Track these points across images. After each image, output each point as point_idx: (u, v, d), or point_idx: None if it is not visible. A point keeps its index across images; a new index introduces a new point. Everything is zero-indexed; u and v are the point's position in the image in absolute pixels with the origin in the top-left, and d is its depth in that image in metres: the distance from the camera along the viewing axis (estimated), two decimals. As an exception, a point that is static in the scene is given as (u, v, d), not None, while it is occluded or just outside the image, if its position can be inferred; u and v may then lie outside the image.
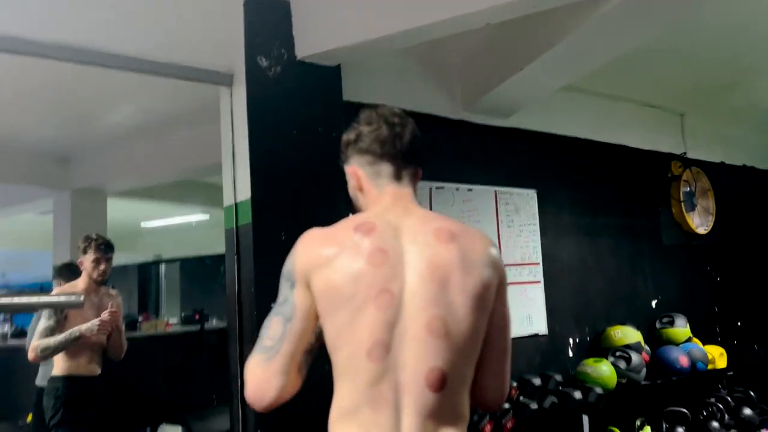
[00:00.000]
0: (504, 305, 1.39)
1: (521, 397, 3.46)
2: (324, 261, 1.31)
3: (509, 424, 3.26)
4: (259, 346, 1.33)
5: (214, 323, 7.34)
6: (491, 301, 1.34)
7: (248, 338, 2.89)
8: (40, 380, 4.26)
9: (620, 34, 3.13)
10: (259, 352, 1.33)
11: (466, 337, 1.29)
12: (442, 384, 1.25)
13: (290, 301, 1.33)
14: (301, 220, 2.88)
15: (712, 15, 3.49)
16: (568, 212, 4.45)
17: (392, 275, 1.28)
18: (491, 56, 3.62)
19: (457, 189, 3.93)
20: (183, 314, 8.06)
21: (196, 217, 8.76)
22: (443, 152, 3.88)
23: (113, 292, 3.63)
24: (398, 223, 1.36)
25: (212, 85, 3.08)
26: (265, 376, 1.30)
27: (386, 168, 1.43)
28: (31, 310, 3.07)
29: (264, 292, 2.81)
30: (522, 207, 4.21)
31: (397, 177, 1.43)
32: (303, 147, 3.05)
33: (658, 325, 4.61)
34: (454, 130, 3.92)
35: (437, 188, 3.84)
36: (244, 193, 2.93)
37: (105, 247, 3.45)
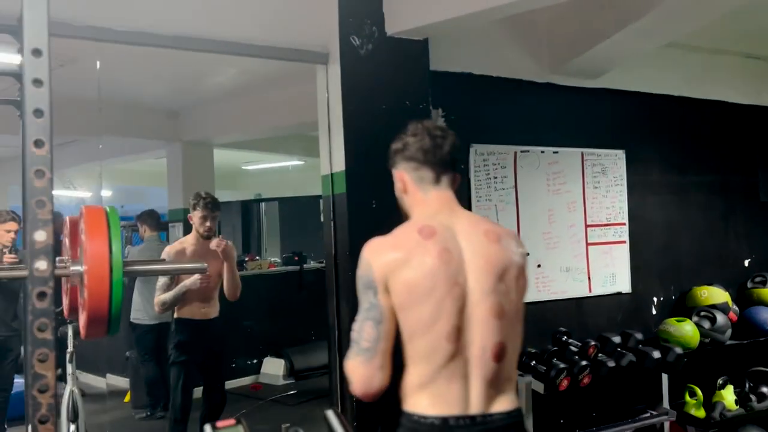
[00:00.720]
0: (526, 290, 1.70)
1: (599, 355, 3.62)
2: (399, 263, 1.55)
3: (585, 380, 3.44)
4: (358, 347, 1.54)
5: (311, 264, 7.79)
6: (525, 290, 1.67)
7: (344, 295, 3.22)
8: (133, 315, 4.99)
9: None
10: (359, 353, 1.54)
11: (516, 316, 1.62)
12: (503, 355, 1.56)
13: (377, 305, 1.55)
14: (390, 190, 3.16)
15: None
16: (658, 171, 4.42)
17: (458, 270, 1.55)
18: (580, 21, 3.61)
19: (543, 152, 4.01)
20: (283, 255, 8.59)
21: (292, 162, 9.26)
22: (529, 116, 3.96)
23: (222, 240, 3.73)
24: (452, 225, 1.62)
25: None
26: (369, 373, 1.52)
27: (427, 173, 1.68)
28: (161, 274, 3.45)
29: (357, 254, 3.10)
30: (609, 168, 4.24)
31: (437, 181, 1.69)
32: (392, 119, 3.22)
33: (749, 285, 4.57)
34: (541, 93, 3.97)
35: (522, 152, 3.94)
36: (339, 164, 3.20)
37: (212, 206, 3.74)
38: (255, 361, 6.50)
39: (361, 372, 1.54)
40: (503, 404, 1.57)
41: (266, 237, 13.03)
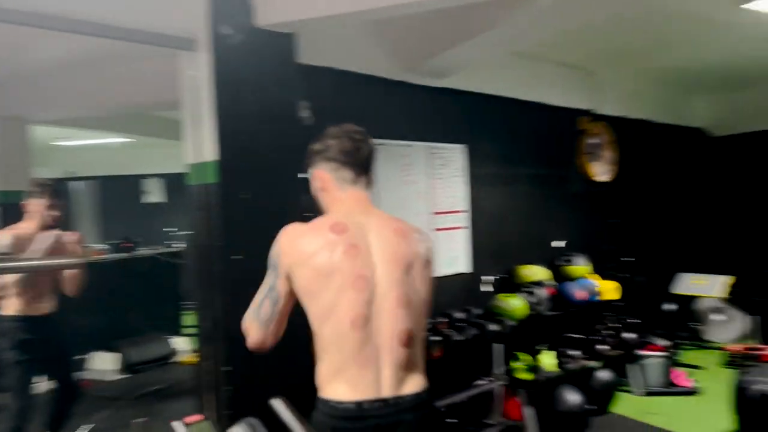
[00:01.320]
0: (432, 282, 1.88)
1: (447, 330, 4.02)
2: (307, 256, 1.72)
3: (437, 354, 3.81)
4: (257, 316, 1.80)
5: (143, 251, 7.42)
6: (431, 281, 1.85)
7: (217, 287, 3.21)
8: None
9: (555, 21, 3.50)
10: (257, 319, 1.80)
11: (422, 306, 1.79)
12: (410, 341, 1.73)
13: (275, 288, 1.77)
14: (263, 180, 3.22)
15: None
16: (492, 165, 4.95)
17: (365, 264, 1.71)
18: (434, 27, 3.89)
19: (396, 145, 4.30)
20: (110, 242, 8.05)
21: (118, 139, 8.66)
22: (384, 111, 4.21)
23: (67, 233, 3.61)
24: (363, 223, 1.78)
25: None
26: (263, 337, 1.80)
27: (347, 174, 1.83)
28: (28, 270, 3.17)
29: (231, 245, 3.13)
30: (451, 161, 4.66)
31: (355, 182, 1.84)
32: (264, 111, 3.29)
33: (557, 263, 5.29)
34: (395, 90, 4.25)
35: (379, 144, 4.17)
36: (210, 154, 3.17)
37: (58, 193, 3.56)
38: (84, 356, 6.10)
39: (257, 335, 1.80)
40: (412, 386, 1.73)
41: (88, 220, 11.97)
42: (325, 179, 1.86)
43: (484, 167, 4.86)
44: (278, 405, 1.64)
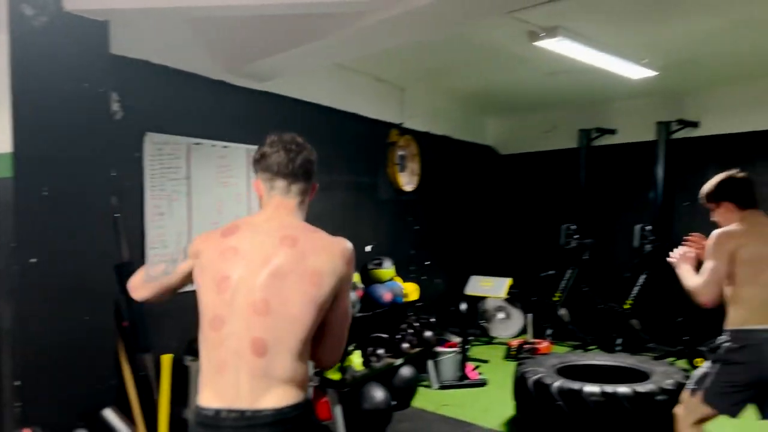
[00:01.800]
0: (344, 301, 1.77)
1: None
2: (198, 254, 1.79)
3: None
4: (148, 274, 1.95)
5: None
6: (327, 298, 1.69)
7: (8, 292, 2.89)
8: None
9: (376, 41, 3.69)
10: (146, 277, 1.95)
11: (292, 317, 1.64)
12: (264, 351, 1.62)
13: (176, 264, 1.89)
14: (67, 177, 2.97)
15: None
16: (309, 170, 5.04)
17: (233, 267, 1.69)
18: (260, 31, 3.89)
19: (213, 146, 4.21)
20: None
21: None
22: (203, 110, 4.10)
23: None
24: (260, 227, 1.76)
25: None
26: (144, 291, 1.97)
27: (279, 183, 1.82)
28: None
29: (25, 245, 2.84)
30: (270, 164, 4.67)
31: (287, 191, 1.83)
32: (69, 101, 3.04)
33: (369, 267, 5.56)
34: (215, 90, 4.16)
35: (195, 144, 4.07)
36: (4, 145, 2.85)
37: None
38: None
39: (139, 287, 1.98)
40: (273, 400, 1.62)
41: None
42: (260, 188, 1.86)
43: (300, 172, 4.95)
44: (109, 415, 1.55)
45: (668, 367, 4.37)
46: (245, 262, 1.70)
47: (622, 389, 3.81)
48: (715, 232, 2.91)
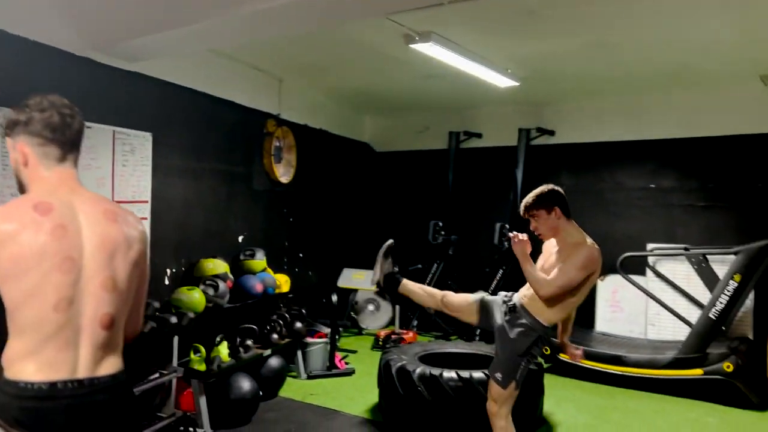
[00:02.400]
0: (146, 264, 1.87)
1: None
2: (7, 237, 1.59)
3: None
4: None
5: None
6: (142, 264, 1.82)
7: None
8: None
9: (255, 30, 3.67)
10: None
11: (126, 290, 1.75)
12: (111, 324, 1.70)
13: None
14: None
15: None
16: (181, 157, 4.92)
17: (72, 246, 1.64)
18: (129, 10, 3.72)
19: (77, 125, 3.98)
20: None
21: None
22: (64, 86, 3.86)
23: None
24: (72, 203, 1.69)
25: None
26: None
27: (54, 151, 1.72)
28: None
29: None
30: (138, 148, 4.50)
31: (63, 159, 1.74)
32: None
33: (241, 257, 5.52)
34: (77, 65, 3.94)
35: (56, 122, 3.82)
36: None
37: None
38: None
39: None
40: (109, 367, 1.71)
41: None
42: (28, 154, 1.71)
43: (171, 158, 4.81)
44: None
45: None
46: (84, 241, 1.67)
47: (477, 374, 4.09)
48: (594, 248, 3.18)
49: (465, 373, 4.08)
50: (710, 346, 5.15)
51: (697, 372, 5.08)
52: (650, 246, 6.20)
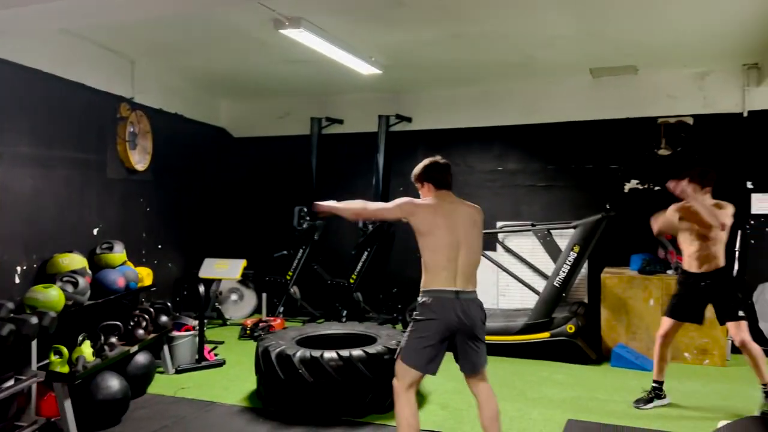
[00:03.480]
0: None
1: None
2: None
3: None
4: None
5: None
6: None
7: None
8: None
9: (113, 11, 3.46)
10: None
11: None
12: None
13: None
14: None
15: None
16: (27, 143, 4.49)
17: None
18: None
19: None
20: None
21: None
22: None
23: None
24: None
25: None
26: None
27: None
28: None
29: None
30: (-23, 134, 4.05)
31: None
32: None
33: (98, 251, 5.18)
34: None
35: None
36: None
37: None
38: None
39: None
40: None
41: None
42: None
43: (18, 145, 4.38)
44: None
45: (391, 331, 4.98)
46: None
47: (356, 352, 4.25)
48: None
49: (345, 353, 4.22)
50: (555, 311, 5.77)
51: (545, 335, 5.68)
52: (499, 224, 6.76)
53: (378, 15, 4.54)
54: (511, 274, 6.40)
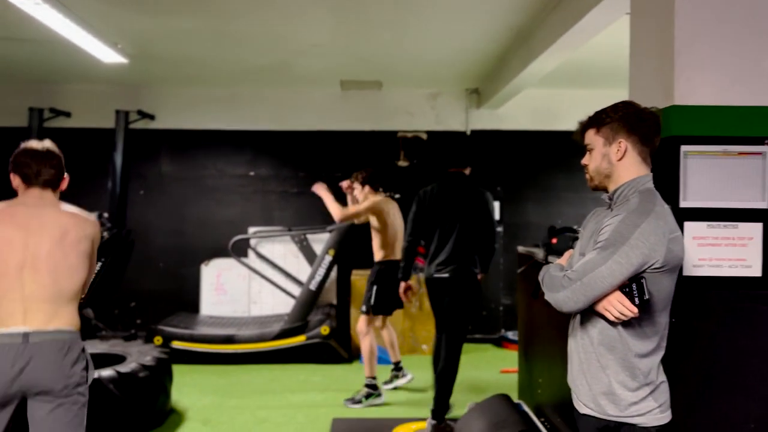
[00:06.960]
0: None
1: None
2: None
3: None
4: None
5: None
6: None
7: None
8: None
9: None
10: None
11: None
12: None
13: None
14: None
15: None
16: None
17: None
18: None
19: None
20: None
21: None
22: None
23: None
24: None
25: None
26: None
27: None
28: None
29: None
30: None
31: None
32: None
33: None
34: None
35: None
36: None
37: None
38: None
39: None
40: None
41: None
42: None
43: None
44: None
45: (143, 347, 4.51)
46: None
47: (106, 372, 3.76)
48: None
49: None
50: (309, 314, 5.86)
51: (301, 339, 5.72)
52: (252, 229, 6.64)
53: (130, -4, 4.10)
54: (270, 281, 6.31)
